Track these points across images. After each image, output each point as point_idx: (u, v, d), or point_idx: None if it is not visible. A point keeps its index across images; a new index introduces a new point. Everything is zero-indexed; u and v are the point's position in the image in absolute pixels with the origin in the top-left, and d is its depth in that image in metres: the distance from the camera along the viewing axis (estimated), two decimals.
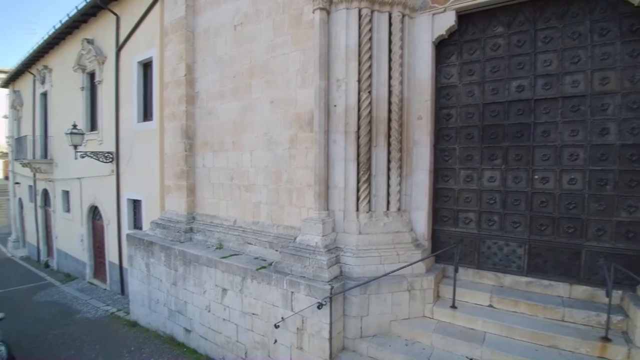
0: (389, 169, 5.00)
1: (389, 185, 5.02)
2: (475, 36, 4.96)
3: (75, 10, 10.06)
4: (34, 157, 14.26)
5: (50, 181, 14.09)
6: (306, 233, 5.01)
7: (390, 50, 4.85)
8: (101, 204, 11.07)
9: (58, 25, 11.10)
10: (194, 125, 7.35)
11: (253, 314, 5.24)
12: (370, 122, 4.88)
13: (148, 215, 9.04)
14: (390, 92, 4.90)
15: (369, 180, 4.95)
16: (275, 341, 4.93)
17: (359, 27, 4.75)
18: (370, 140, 4.91)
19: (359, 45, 4.77)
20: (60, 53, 12.80)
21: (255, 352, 5.26)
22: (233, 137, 6.58)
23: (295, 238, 5.22)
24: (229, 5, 6.52)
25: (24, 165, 14.49)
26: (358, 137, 4.88)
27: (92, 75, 11.18)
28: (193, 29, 7.13)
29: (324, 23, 4.89)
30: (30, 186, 16.23)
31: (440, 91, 5.20)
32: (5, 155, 23.66)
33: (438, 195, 5.32)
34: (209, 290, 6.02)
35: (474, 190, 5.04)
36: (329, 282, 4.43)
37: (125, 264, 9.36)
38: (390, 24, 4.85)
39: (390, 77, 4.87)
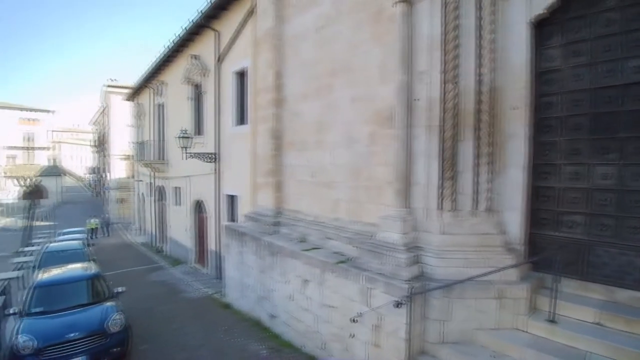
0: (477, 165, 4.64)
1: (477, 183, 4.66)
2: (580, 13, 4.29)
3: (183, 31, 11.70)
4: (152, 159, 16.92)
5: (165, 179, 16.58)
6: (385, 230, 4.97)
7: (479, 37, 4.50)
8: (204, 199, 12.62)
9: (169, 45, 13.02)
10: (281, 126, 7.88)
11: (331, 306, 5.40)
12: (455, 115, 4.61)
13: (242, 209, 10.00)
14: (479, 82, 4.54)
15: (453, 177, 4.67)
16: (352, 335, 5.00)
17: (444, 16, 4.53)
18: (455, 135, 4.64)
19: (444, 35, 4.54)
20: (172, 69, 15.01)
21: (333, 344, 5.41)
22: (315, 136, 6.87)
23: (374, 235, 5.22)
24: (312, 11, 6.85)
25: (144, 165, 17.36)
26: (442, 132, 4.65)
27: (197, 87, 12.84)
28: (281, 37, 7.67)
29: (406, 16, 4.80)
30: (149, 183, 19.34)
31: (540, 77, 4.62)
32: (130, 157, 28.63)
33: (535, 194, 4.74)
34: (292, 280, 6.39)
35: (583, 189, 4.35)
36: (407, 281, 4.32)
37: (222, 252, 10.48)
38: (479, 8, 4.51)
39: (479, 65, 4.52)
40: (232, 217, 10.93)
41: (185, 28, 11.50)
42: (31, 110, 54.47)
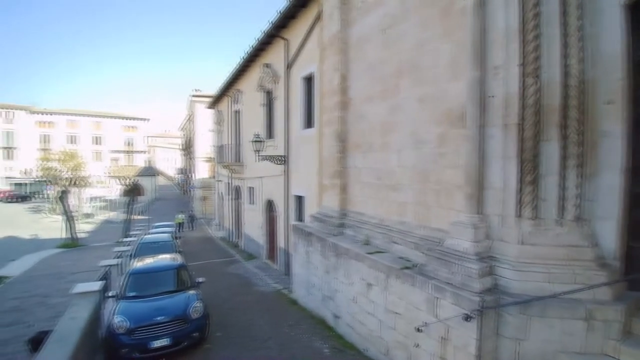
0: (563, 168, 4.12)
1: (563, 188, 4.13)
2: None
3: (255, 41, 12.47)
4: (229, 161, 18.33)
5: (240, 179, 17.84)
6: (455, 237, 4.69)
7: (564, 24, 3.98)
8: (275, 199, 13.28)
9: (244, 55, 13.98)
10: (346, 129, 7.93)
11: (396, 312, 5.28)
12: (537, 112, 4.15)
13: (309, 210, 10.31)
14: (566, 74, 4.02)
15: (535, 181, 4.21)
16: (417, 345, 4.82)
17: (522, 4, 4.10)
18: (537, 134, 4.17)
19: (522, 24, 4.11)
20: (247, 78, 16.10)
21: (396, 352, 5.27)
22: (381, 138, 6.78)
23: (442, 241, 4.96)
24: (377, 11, 6.77)
25: (223, 167, 18.88)
26: (521, 131, 4.22)
27: (269, 93, 13.57)
28: (346, 40, 7.72)
29: (478, 7, 4.47)
30: (227, 183, 20.99)
31: (638, 66, 3.93)
32: (212, 159, 31.40)
33: (635, 201, 4.03)
34: (356, 283, 6.40)
35: None
36: (479, 293, 4.02)
37: (290, 250, 10.92)
38: None
39: (566, 56, 4.00)
40: (300, 217, 11.31)
41: (257, 39, 12.25)
42: (131, 118, 63.48)
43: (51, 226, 26.87)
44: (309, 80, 10.49)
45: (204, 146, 34.43)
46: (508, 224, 4.36)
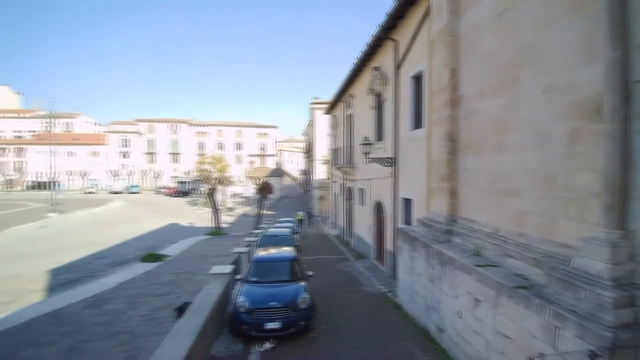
0: None
1: None
2: None
3: (365, 46, 12.65)
4: (342, 163, 19.05)
5: (352, 181, 18.35)
6: (586, 256, 3.85)
7: None
8: (383, 201, 13.23)
9: (355, 61, 14.34)
10: (457, 128, 7.33)
11: (506, 335, 4.63)
12: None
13: (416, 213, 9.92)
14: None
15: None
16: None
17: None
18: None
19: None
20: (358, 82, 16.46)
21: None
22: (495, 136, 6.03)
23: (569, 260, 4.12)
24: None
25: (337, 169, 19.73)
26: None
27: (379, 96, 13.59)
28: (456, 32, 7.15)
29: None
30: (340, 184, 21.84)
31: None
32: (328, 162, 33.14)
33: None
34: (461, 296, 5.86)
35: None
36: (612, 328, 3.20)
37: (396, 253, 10.70)
38: None
39: None
40: (408, 220, 10.97)
41: (367, 43, 12.41)
42: (263, 126, 72.85)
43: (202, 217, 32.87)
44: (417, 80, 10.08)
45: (322, 149, 36.69)
46: None
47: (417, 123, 10.18)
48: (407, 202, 11.03)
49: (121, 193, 60.02)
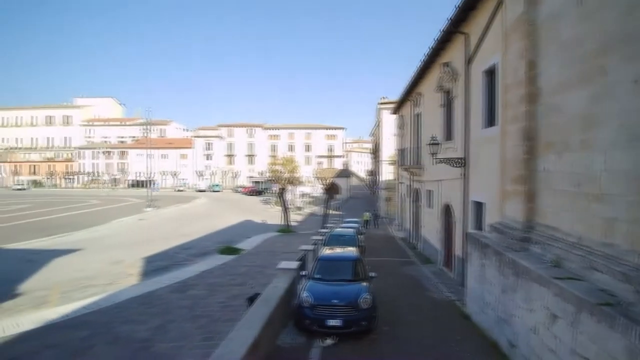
0: None
1: None
2: None
3: (434, 41, 12.15)
4: (409, 164, 18.52)
5: (419, 182, 17.75)
6: None
7: None
8: (452, 203, 12.58)
9: (423, 58, 13.84)
10: (534, 125, 6.70)
11: (585, 358, 4.13)
12: None
13: (488, 218, 9.27)
14: None
15: None
16: None
17: None
18: None
19: None
20: (426, 80, 15.86)
21: None
22: (579, 134, 5.39)
23: None
24: None
25: (403, 169, 19.24)
26: None
27: (448, 93, 12.94)
28: (533, 21, 6.53)
29: None
30: (407, 185, 21.22)
31: None
32: (395, 162, 32.37)
33: None
34: (537, 311, 5.36)
35: None
36: None
37: (466, 259, 10.11)
38: None
39: None
40: (479, 225, 10.28)
41: (436, 38, 11.92)
42: (331, 128, 74.14)
43: (274, 215, 34.70)
44: (490, 74, 9.39)
45: (389, 150, 36.03)
46: None
47: (490, 121, 9.49)
48: (478, 206, 10.34)
49: (205, 191, 66.62)
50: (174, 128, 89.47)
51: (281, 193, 29.97)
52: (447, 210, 13.31)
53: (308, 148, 75.58)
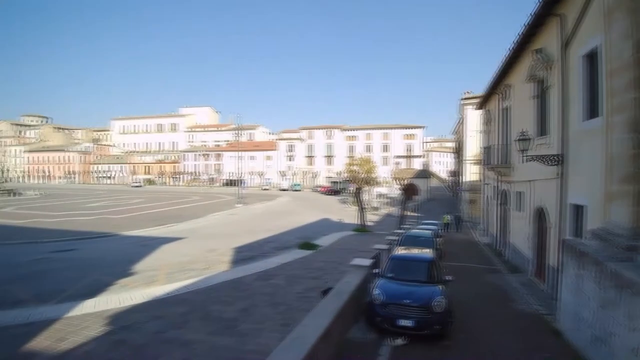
0: None
1: None
2: None
3: (523, 27, 11.00)
4: (496, 163, 17.03)
5: (508, 183, 16.21)
6: None
7: None
8: (546, 206, 11.27)
9: (511, 46, 12.62)
10: None
11: None
12: None
13: (591, 223, 8.12)
14: None
15: None
16: None
17: None
18: None
19: None
20: (515, 70, 14.39)
21: None
22: None
23: None
24: None
25: (489, 169, 17.75)
26: None
27: (541, 82, 11.61)
28: None
29: None
30: (494, 187, 19.51)
31: None
32: (480, 162, 29.88)
33: None
34: None
35: None
36: None
37: (560, 270, 9.00)
38: None
39: None
40: (577, 231, 9.06)
41: (526, 23, 10.79)
42: (409, 127, 71.66)
43: (350, 214, 35.09)
44: (591, 59, 8.20)
45: (473, 148, 33.48)
46: None
47: (592, 111, 8.30)
48: (577, 209, 9.10)
49: (287, 190, 70.89)
50: (261, 132, 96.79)
51: (357, 193, 30.18)
52: (540, 214, 11.94)
53: (385, 148, 74.34)
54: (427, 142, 78.38)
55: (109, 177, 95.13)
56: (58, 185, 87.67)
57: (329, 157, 79.45)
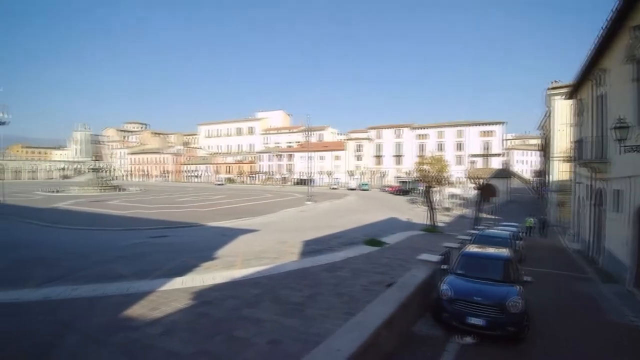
0: None
1: None
2: None
3: (617, 3, 9.66)
4: (589, 158, 15.10)
5: (604, 180, 14.29)
6: None
7: None
8: None
9: (604, 25, 11.11)
10: None
11: None
12: None
13: None
14: None
15: None
16: None
17: None
18: None
19: None
20: (610, 52, 12.61)
21: None
22: None
23: None
24: None
25: (582, 166, 15.79)
26: None
27: None
28: None
29: None
30: (587, 185, 17.27)
31: None
32: (570, 159, 26.49)
33: None
34: None
35: None
36: None
37: None
38: None
39: None
40: None
41: None
42: (487, 124, 66.15)
43: (420, 214, 33.97)
44: None
45: (562, 144, 29.75)
46: None
47: None
48: None
49: (355, 189, 71.39)
50: (330, 132, 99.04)
51: (427, 191, 29.15)
52: None
53: (459, 147, 69.91)
54: (507, 140, 71.65)
55: (197, 176, 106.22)
56: (155, 183, 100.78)
57: (398, 157, 77.67)
